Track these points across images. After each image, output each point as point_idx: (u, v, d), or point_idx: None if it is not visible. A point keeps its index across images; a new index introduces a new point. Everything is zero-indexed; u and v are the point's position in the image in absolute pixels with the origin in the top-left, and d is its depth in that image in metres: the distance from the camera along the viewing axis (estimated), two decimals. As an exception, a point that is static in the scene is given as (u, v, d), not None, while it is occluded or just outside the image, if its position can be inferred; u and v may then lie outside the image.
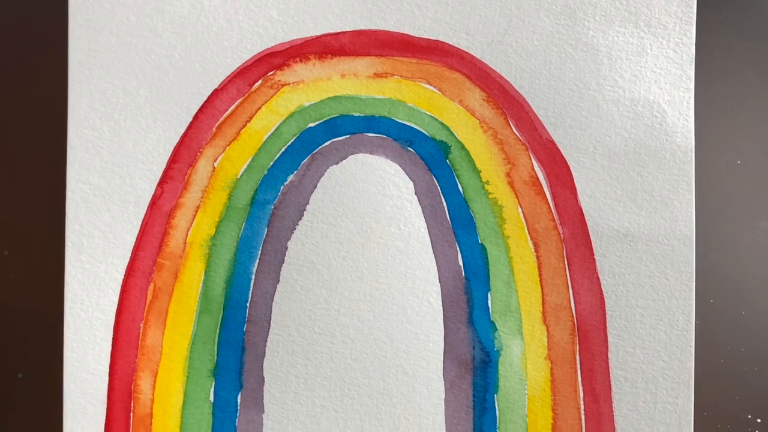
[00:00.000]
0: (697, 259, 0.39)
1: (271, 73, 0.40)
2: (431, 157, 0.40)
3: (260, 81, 0.40)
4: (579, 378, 0.39)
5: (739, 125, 0.41)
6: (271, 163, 0.40)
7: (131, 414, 0.39)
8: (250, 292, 0.39)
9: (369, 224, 0.39)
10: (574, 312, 0.39)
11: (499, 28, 0.40)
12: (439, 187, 0.40)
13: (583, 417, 0.39)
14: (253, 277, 0.39)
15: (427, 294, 0.39)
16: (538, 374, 0.39)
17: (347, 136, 0.40)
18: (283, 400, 0.39)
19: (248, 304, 0.39)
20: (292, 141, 0.40)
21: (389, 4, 0.40)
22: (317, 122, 0.40)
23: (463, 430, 0.39)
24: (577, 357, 0.39)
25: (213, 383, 0.39)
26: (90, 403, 0.39)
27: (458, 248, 0.39)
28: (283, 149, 0.40)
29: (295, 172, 0.40)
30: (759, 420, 0.40)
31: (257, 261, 0.39)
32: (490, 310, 0.39)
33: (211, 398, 0.39)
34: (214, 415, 0.39)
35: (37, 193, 0.41)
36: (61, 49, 0.40)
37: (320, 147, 0.40)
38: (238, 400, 0.39)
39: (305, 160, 0.40)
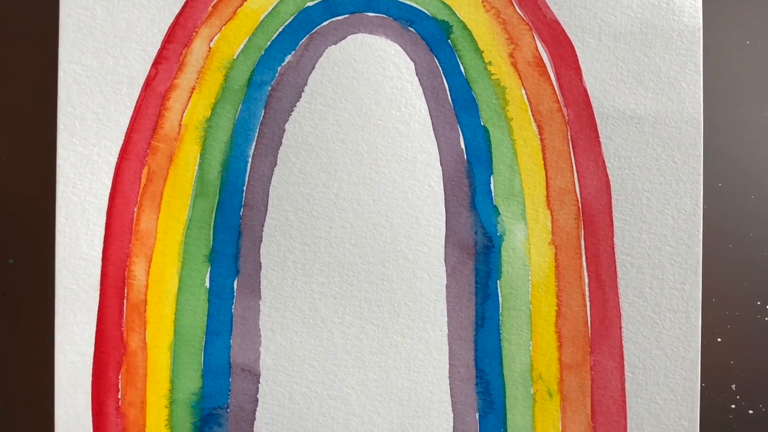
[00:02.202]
0: (704, 142, 0.38)
1: (269, -49, 0.39)
2: (432, 37, 0.39)
3: (257, -41, 0.39)
4: (584, 264, 0.38)
5: (749, 4, 0.40)
6: (268, 44, 0.39)
7: (125, 300, 0.38)
8: (247, 175, 0.38)
9: (368, 106, 0.38)
10: (578, 196, 0.38)
11: None
12: (440, 68, 0.39)
13: (588, 303, 0.38)
14: (250, 160, 0.38)
15: (428, 177, 0.38)
16: (542, 260, 0.38)
17: (346, 15, 0.39)
18: (281, 286, 0.38)
19: (245, 188, 0.38)
20: (289, 20, 0.39)
21: None
22: (315, 1, 0.39)
23: (465, 317, 0.38)
24: (582, 242, 0.38)
25: (209, 269, 0.38)
26: (82, 289, 0.38)
27: (460, 130, 0.38)
28: (280, 29, 0.39)
29: (292, 52, 0.39)
30: (768, 306, 0.39)
31: (254, 143, 0.38)
32: (493, 194, 0.38)
33: (207, 284, 0.38)
34: (209, 302, 0.38)
35: (28, 74, 0.40)
36: (53, -73, 0.39)
37: (318, 27, 0.39)
38: (235, 286, 0.38)
39: (303, 41, 0.39)
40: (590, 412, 0.38)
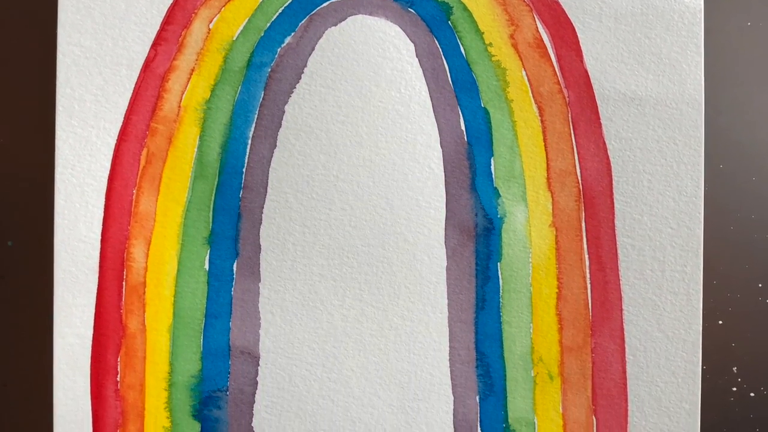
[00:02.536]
0: (706, 123, 0.38)
1: (268, -68, 0.39)
2: (432, 18, 0.38)
3: (256, -60, 0.39)
4: (584, 246, 0.38)
5: (750, -15, 0.40)
6: (268, 25, 0.38)
7: (124, 283, 0.38)
8: (246, 157, 0.38)
9: (368, 87, 0.38)
10: (579, 178, 0.38)
11: None
12: (440, 50, 0.38)
13: (588, 286, 0.38)
14: (250, 141, 0.38)
15: (429, 159, 0.38)
16: (542, 242, 0.38)
17: (346, -4, 0.39)
18: (280, 269, 0.38)
19: (244, 170, 0.38)
20: (289, 2, 0.38)
21: None
22: (315, -18, 0.39)
23: (465, 299, 0.38)
24: (583, 224, 0.38)
25: (208, 251, 0.38)
26: (81, 272, 0.38)
27: (460, 112, 0.38)
28: (280, 10, 0.38)
29: (292, 33, 0.38)
30: (770, 289, 0.39)
31: (253, 125, 0.38)
32: (493, 176, 0.38)
33: (206, 266, 0.38)
34: (209, 284, 0.38)
35: (27, 56, 0.39)
36: None
37: (318, 8, 0.38)
38: (234, 269, 0.38)
39: (303, 22, 0.38)
40: (591, 395, 0.38)
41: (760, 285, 0.39)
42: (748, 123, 0.39)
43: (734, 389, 0.39)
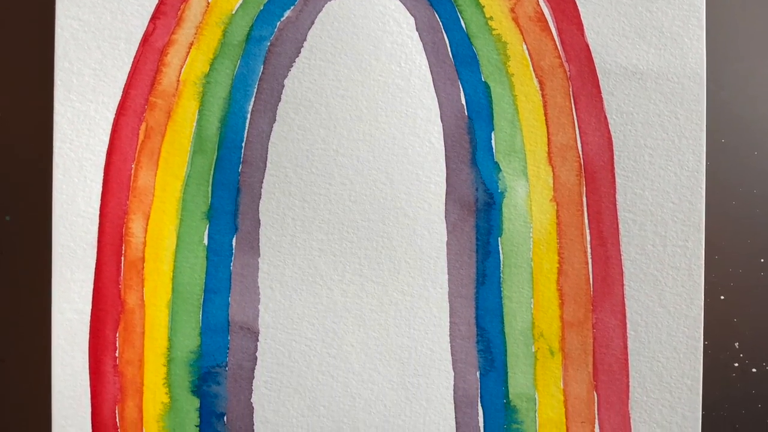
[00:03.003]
0: (708, 97, 0.38)
1: None
2: (433, -8, 0.38)
3: None
4: (585, 220, 0.38)
5: (752, -42, 0.40)
6: (267, -2, 0.38)
7: (122, 258, 0.38)
8: (246, 131, 0.38)
9: (368, 61, 0.38)
10: (580, 152, 0.38)
11: None
12: (440, 23, 0.38)
13: (589, 260, 0.38)
14: (249, 116, 0.38)
15: (429, 134, 0.38)
16: (543, 216, 0.38)
17: (346, -30, 0.38)
18: (280, 244, 0.38)
19: (243, 144, 0.38)
20: (288, -25, 0.38)
21: None
22: (315, -44, 0.38)
23: (465, 275, 0.38)
24: (584, 199, 0.38)
25: (207, 226, 0.38)
26: (80, 247, 0.38)
27: (461, 86, 0.38)
28: (279, -16, 0.38)
29: (292, 7, 0.38)
30: (772, 263, 0.39)
31: (253, 99, 0.38)
32: (494, 150, 0.38)
33: (205, 241, 0.38)
34: (208, 259, 0.38)
35: (25, 30, 0.39)
36: None
37: (318, -19, 0.38)
38: (233, 243, 0.38)
39: (302, -5, 0.38)
40: (592, 370, 0.38)
41: (762, 260, 0.39)
42: (750, 97, 0.39)
43: (736, 365, 0.39)
